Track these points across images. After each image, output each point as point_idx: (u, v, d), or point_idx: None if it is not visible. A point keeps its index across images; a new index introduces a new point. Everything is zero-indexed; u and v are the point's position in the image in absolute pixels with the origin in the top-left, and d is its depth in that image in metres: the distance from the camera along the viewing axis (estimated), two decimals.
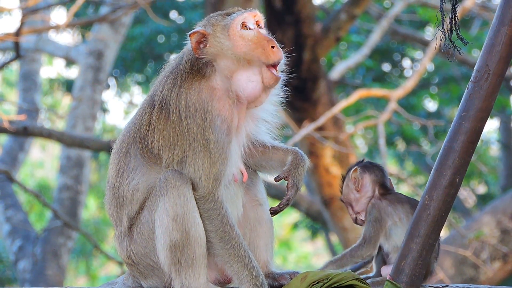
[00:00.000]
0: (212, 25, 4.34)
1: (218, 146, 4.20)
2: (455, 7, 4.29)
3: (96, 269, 23.04)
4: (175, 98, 4.26)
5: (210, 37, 4.31)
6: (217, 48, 4.29)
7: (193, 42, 4.31)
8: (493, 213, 11.27)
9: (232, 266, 4.21)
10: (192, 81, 4.28)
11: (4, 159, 15.49)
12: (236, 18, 4.31)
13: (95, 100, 15.22)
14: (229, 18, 4.33)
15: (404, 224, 4.36)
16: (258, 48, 4.27)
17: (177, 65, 4.38)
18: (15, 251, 14.23)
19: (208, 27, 4.33)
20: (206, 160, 4.19)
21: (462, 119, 4.14)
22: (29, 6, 10.34)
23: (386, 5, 16.77)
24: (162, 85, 4.34)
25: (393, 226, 4.39)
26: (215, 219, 4.20)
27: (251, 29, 4.31)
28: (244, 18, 4.31)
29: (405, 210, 4.40)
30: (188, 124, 4.22)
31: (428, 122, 12.21)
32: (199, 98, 4.25)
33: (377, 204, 4.46)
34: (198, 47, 4.31)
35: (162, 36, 19.56)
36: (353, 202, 4.54)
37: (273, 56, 4.27)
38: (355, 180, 4.53)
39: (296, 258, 27.17)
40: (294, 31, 11.35)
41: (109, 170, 4.42)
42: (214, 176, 4.20)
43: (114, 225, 4.40)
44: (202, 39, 4.31)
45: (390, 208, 4.43)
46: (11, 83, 24.60)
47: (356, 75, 17.68)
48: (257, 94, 4.30)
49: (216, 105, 4.25)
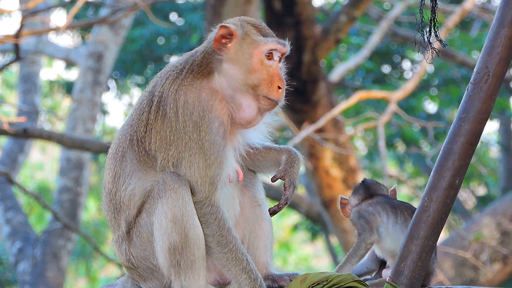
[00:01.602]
0: (244, 31, 4.30)
1: (213, 148, 4.19)
2: (434, 9, 4.31)
3: (96, 271, 23.04)
4: (174, 91, 4.23)
5: (236, 40, 4.28)
6: (236, 54, 4.28)
7: (219, 34, 4.28)
8: (493, 215, 11.27)
9: (230, 270, 4.21)
10: (195, 78, 4.26)
11: (4, 161, 15.49)
12: (268, 44, 4.30)
13: (95, 102, 15.22)
14: (262, 38, 4.31)
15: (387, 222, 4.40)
16: (267, 79, 4.26)
17: (188, 57, 4.34)
18: (15, 253, 14.23)
19: (240, 30, 4.31)
20: (202, 163, 4.18)
21: (461, 121, 4.14)
22: (29, 8, 10.34)
23: (386, 7, 16.77)
24: (165, 78, 4.30)
25: (380, 224, 4.42)
26: (212, 223, 4.20)
27: (273, 60, 4.31)
28: (275, 47, 4.31)
29: (384, 208, 4.44)
30: (184, 121, 4.19)
31: (428, 124, 12.21)
32: (199, 95, 4.23)
33: (357, 208, 4.56)
34: (220, 41, 4.29)
35: (162, 38, 19.57)
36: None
37: (275, 95, 4.27)
38: (339, 211, 4.67)
39: (296, 260, 27.17)
40: (294, 33, 11.35)
41: (105, 175, 4.39)
42: (210, 180, 4.19)
43: (112, 230, 4.39)
44: (228, 36, 4.29)
45: (371, 208, 4.49)
46: (11, 85, 24.61)
47: (356, 77, 17.69)
48: (250, 119, 4.30)
49: (216, 106, 4.23)
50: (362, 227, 4.44)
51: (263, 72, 4.28)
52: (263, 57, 4.29)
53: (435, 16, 4.28)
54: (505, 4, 4.11)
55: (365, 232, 4.42)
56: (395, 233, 4.36)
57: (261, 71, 4.28)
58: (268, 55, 4.30)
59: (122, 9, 12.04)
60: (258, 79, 4.27)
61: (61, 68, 24.45)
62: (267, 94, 4.27)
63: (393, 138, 17.37)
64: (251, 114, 4.30)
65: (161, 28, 18.29)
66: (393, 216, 4.40)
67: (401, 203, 4.45)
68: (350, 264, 4.43)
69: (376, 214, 4.45)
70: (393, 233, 4.37)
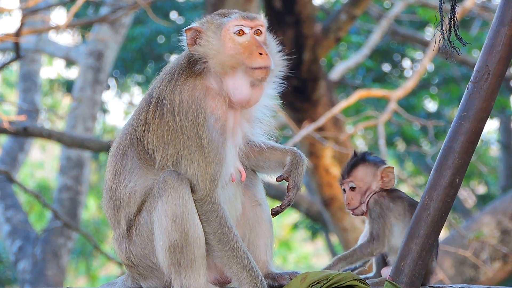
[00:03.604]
0: (208, 22, 4.34)
1: (212, 145, 4.19)
2: (454, 8, 4.29)
3: (96, 270, 23.04)
4: (170, 92, 4.26)
5: (203, 34, 4.31)
6: (207, 46, 4.30)
7: (188, 38, 4.32)
8: (493, 214, 11.26)
9: (231, 268, 4.21)
10: (187, 78, 4.29)
11: (4, 159, 15.50)
12: (231, 21, 4.31)
13: (95, 100, 15.22)
14: (224, 19, 4.33)
15: (403, 221, 4.36)
16: (245, 52, 4.26)
17: (177, 61, 4.39)
18: (15, 251, 14.24)
19: (204, 25, 4.34)
20: (201, 161, 4.19)
21: (462, 120, 4.14)
22: (29, 6, 10.34)
23: (386, 6, 16.77)
24: (161, 81, 4.35)
25: (395, 222, 4.38)
26: (213, 221, 4.20)
27: (245, 35, 4.30)
28: (238, 22, 4.31)
29: (404, 207, 4.39)
30: (181, 121, 4.21)
31: (428, 123, 12.21)
32: (192, 94, 4.24)
33: (379, 201, 4.44)
34: (193, 43, 4.32)
35: (162, 37, 19.56)
36: (366, 192, 4.48)
37: (258, 61, 4.25)
38: (389, 176, 4.48)
39: (296, 259, 27.16)
40: (294, 31, 11.35)
41: (106, 173, 4.41)
42: (211, 177, 4.19)
43: (112, 227, 4.39)
44: (197, 35, 4.31)
45: (392, 204, 4.42)
46: (11, 83, 24.60)
47: (356, 76, 17.68)
48: (246, 97, 4.29)
49: (210, 103, 4.24)
50: (377, 230, 4.36)
51: (238, 48, 4.27)
52: (233, 36, 4.29)
53: (455, 14, 4.26)
54: (505, 3, 4.11)
55: (378, 241, 4.36)
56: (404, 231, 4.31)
57: (236, 48, 4.27)
58: (238, 32, 4.30)
59: (122, 7, 12.03)
60: (236, 56, 4.26)
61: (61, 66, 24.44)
62: (250, 64, 4.25)
63: (393, 137, 17.37)
64: (245, 91, 4.28)
65: (161, 26, 18.27)
66: (408, 215, 4.35)
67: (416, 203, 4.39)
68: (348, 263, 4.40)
69: (394, 210, 4.39)
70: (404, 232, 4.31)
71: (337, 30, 11.71)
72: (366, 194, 4.48)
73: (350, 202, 4.49)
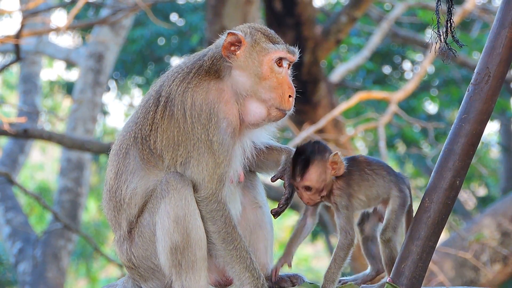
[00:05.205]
0: (253, 39, 4.29)
1: (222, 148, 4.19)
2: (451, 10, 4.29)
3: (96, 272, 23.03)
4: (182, 93, 4.23)
5: (245, 48, 4.28)
6: (245, 62, 4.27)
7: (227, 41, 4.27)
8: (494, 216, 11.26)
9: (234, 268, 4.21)
10: (202, 80, 4.25)
11: (5, 161, 15.50)
12: (278, 51, 4.29)
13: (95, 102, 15.22)
14: (271, 46, 4.29)
15: (367, 186, 4.28)
16: (278, 90, 4.26)
17: (196, 60, 4.33)
18: (15, 253, 14.24)
19: (248, 37, 4.30)
20: (211, 161, 4.18)
21: (462, 122, 4.14)
22: (30, 8, 10.34)
23: (387, 8, 16.77)
24: (172, 79, 4.30)
25: (360, 198, 4.28)
26: (218, 220, 4.20)
27: (283, 68, 4.30)
28: (284, 55, 4.29)
29: (360, 177, 4.29)
30: (192, 123, 4.20)
31: (429, 125, 12.22)
32: (206, 98, 4.22)
33: (342, 189, 4.30)
34: (228, 48, 4.29)
35: (163, 39, 19.58)
36: (325, 188, 4.30)
37: (286, 105, 4.28)
38: (338, 165, 4.33)
39: (296, 261, 27.07)
40: (295, 33, 11.35)
41: (108, 172, 4.39)
42: (219, 177, 4.19)
43: (113, 229, 4.38)
44: (236, 43, 4.28)
45: (351, 190, 4.28)
46: (12, 85, 24.62)
47: (356, 78, 17.69)
48: (257, 123, 4.30)
49: (223, 108, 4.23)
50: (346, 223, 4.23)
51: (273, 80, 4.27)
52: (273, 64, 4.28)
53: (451, 16, 4.26)
54: (506, 5, 4.11)
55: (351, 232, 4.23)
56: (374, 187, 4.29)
57: (271, 78, 4.27)
58: (278, 62, 4.30)
59: (122, 9, 12.04)
60: (268, 87, 4.26)
61: (62, 68, 24.49)
62: (279, 105, 4.27)
63: (393, 139, 17.37)
64: (259, 119, 4.30)
65: (161, 28, 18.29)
66: (371, 173, 4.34)
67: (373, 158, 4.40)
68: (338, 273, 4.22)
69: (357, 193, 4.29)
70: (373, 187, 4.29)
71: (337, 32, 11.72)
72: (323, 189, 4.30)
73: (309, 201, 4.32)
